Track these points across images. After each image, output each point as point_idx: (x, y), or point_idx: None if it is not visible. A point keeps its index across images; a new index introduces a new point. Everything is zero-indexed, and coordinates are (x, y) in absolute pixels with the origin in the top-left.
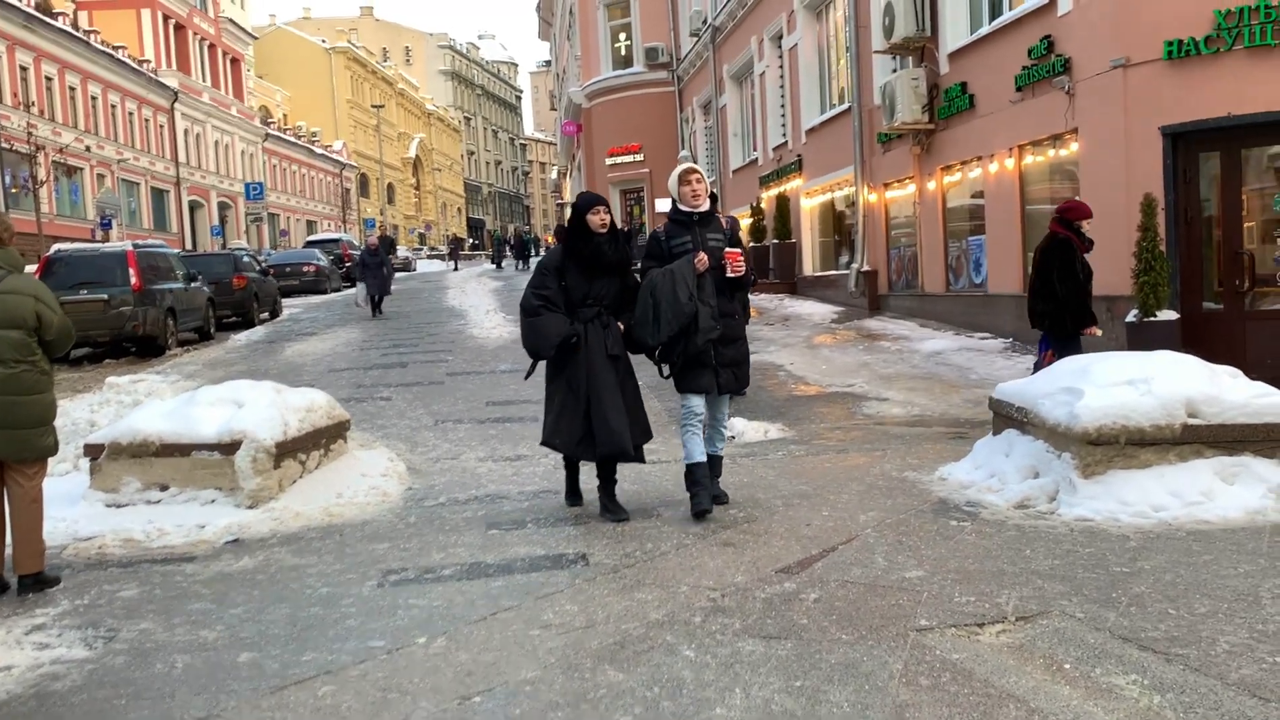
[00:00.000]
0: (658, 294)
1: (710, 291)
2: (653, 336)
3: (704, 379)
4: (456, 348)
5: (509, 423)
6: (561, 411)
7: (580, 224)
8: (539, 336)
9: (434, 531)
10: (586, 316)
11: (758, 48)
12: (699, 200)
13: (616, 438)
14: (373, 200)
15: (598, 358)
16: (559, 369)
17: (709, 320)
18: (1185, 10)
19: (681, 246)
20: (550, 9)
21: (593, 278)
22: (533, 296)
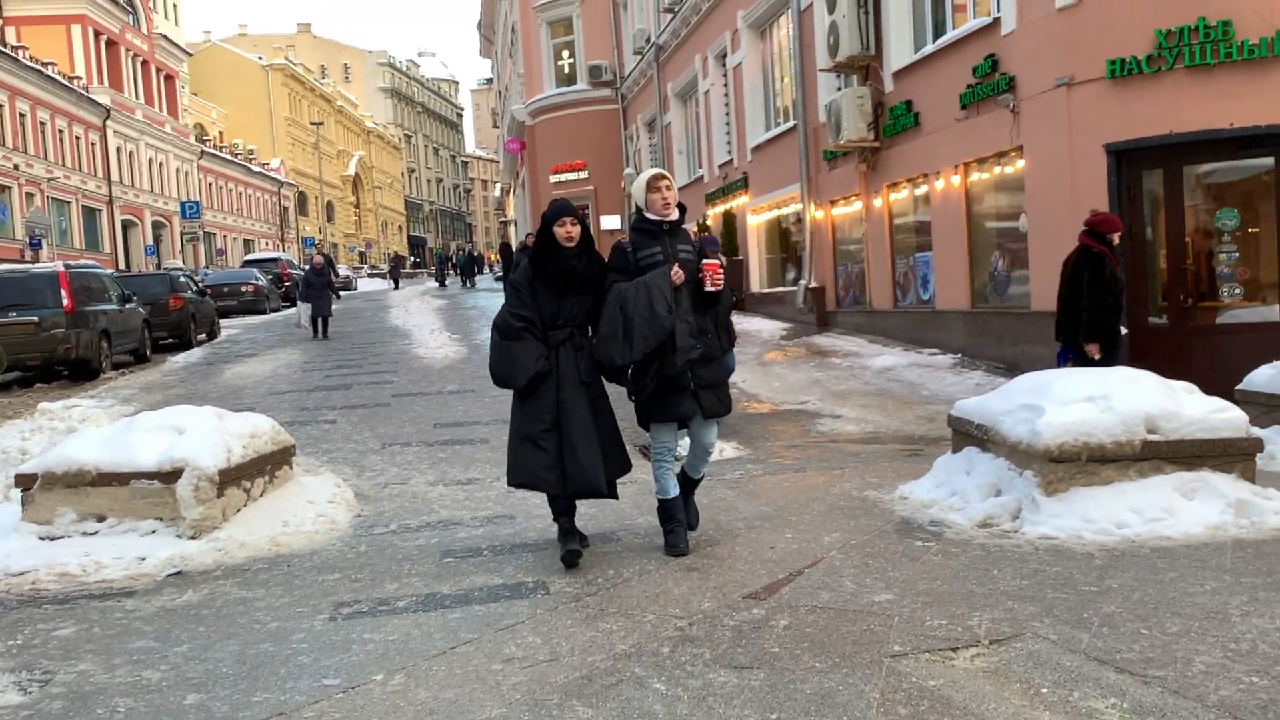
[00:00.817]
0: (629, 308)
1: (687, 307)
2: (621, 355)
3: (683, 404)
4: (401, 368)
5: (459, 445)
6: (530, 444)
7: (547, 237)
8: (513, 365)
9: (386, 561)
10: (558, 339)
11: (702, 66)
12: (669, 209)
13: (589, 474)
14: (311, 218)
15: (569, 385)
16: (527, 395)
17: (688, 338)
18: (1127, 30)
19: (650, 258)
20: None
21: (563, 295)
22: (512, 318)
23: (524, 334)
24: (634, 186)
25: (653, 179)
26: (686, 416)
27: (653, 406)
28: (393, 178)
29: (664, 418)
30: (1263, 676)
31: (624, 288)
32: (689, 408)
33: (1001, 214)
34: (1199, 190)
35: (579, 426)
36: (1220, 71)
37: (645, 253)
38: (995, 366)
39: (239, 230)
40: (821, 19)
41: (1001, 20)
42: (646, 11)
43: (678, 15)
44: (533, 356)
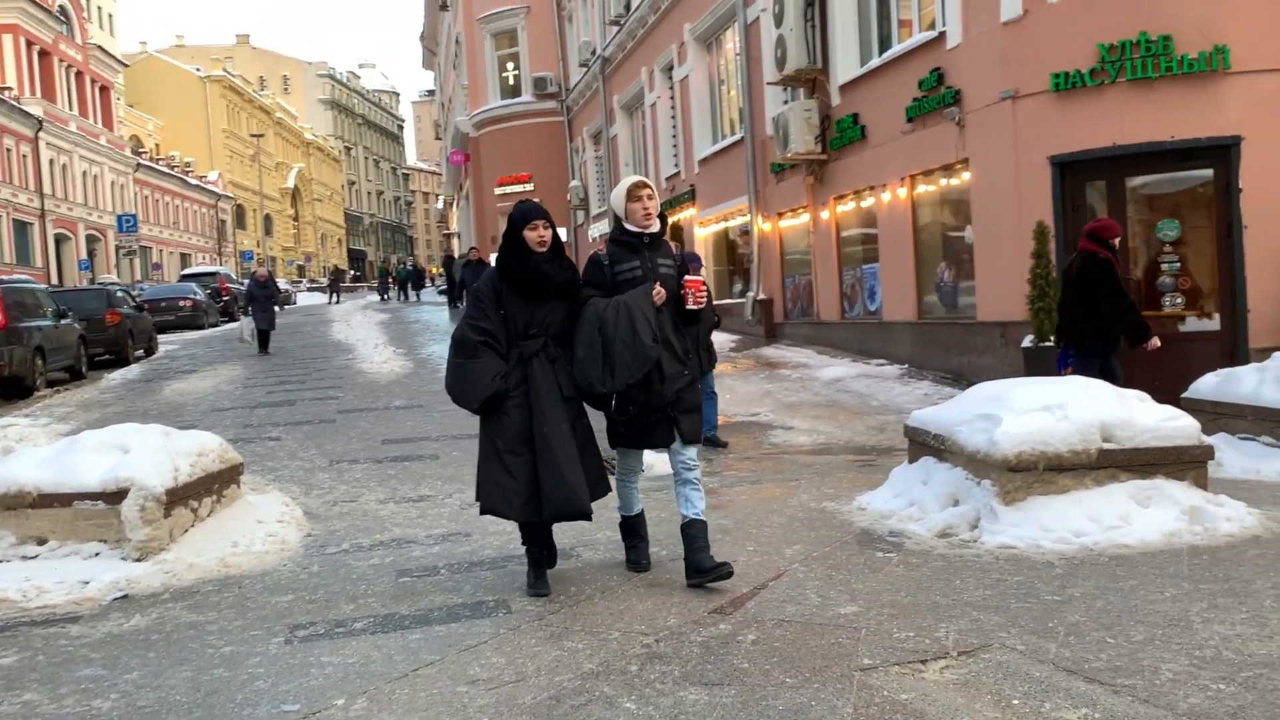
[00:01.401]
0: (609, 332)
1: (669, 328)
2: (603, 383)
3: (660, 432)
4: (346, 384)
5: (408, 461)
6: (500, 465)
7: (516, 241)
8: (467, 384)
9: (340, 581)
10: (531, 350)
11: (648, 79)
12: (651, 220)
13: (572, 495)
14: (250, 232)
15: (546, 398)
16: (495, 411)
17: (675, 365)
18: (1071, 44)
19: (629, 273)
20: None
21: (535, 303)
22: (470, 330)
23: (481, 349)
24: (613, 195)
25: (633, 187)
26: (664, 444)
27: (630, 432)
28: (332, 190)
29: (640, 444)
30: (1229, 683)
31: (602, 306)
32: (666, 435)
33: (947, 226)
34: (1141, 201)
35: (560, 443)
36: (1161, 85)
37: (623, 267)
38: (942, 376)
39: (176, 244)
40: (768, 32)
41: (947, 34)
42: (592, 24)
43: (624, 28)
44: (489, 374)
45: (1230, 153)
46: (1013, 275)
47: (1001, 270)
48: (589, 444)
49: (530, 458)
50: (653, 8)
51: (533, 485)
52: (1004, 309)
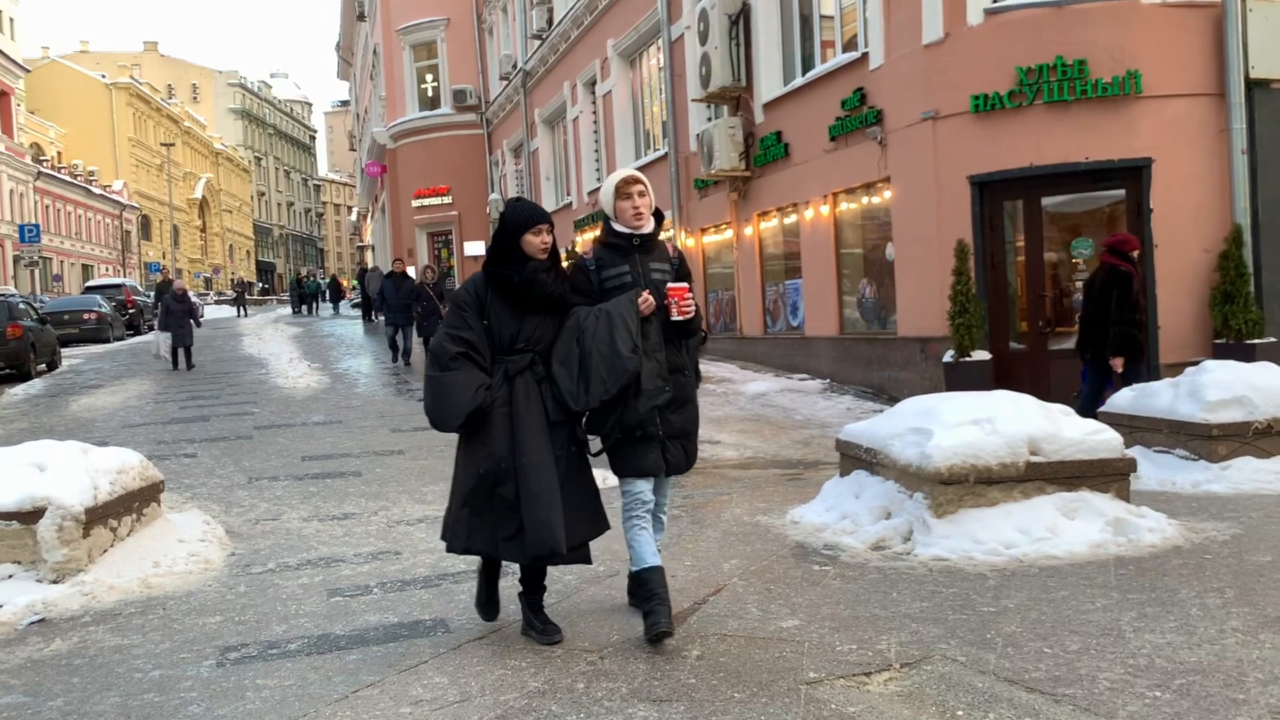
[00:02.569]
0: (588, 342)
1: (656, 341)
2: (578, 399)
3: (649, 457)
4: (261, 399)
5: (330, 478)
6: (478, 497)
7: (511, 245)
8: (444, 401)
9: (269, 601)
10: (517, 367)
11: (571, 93)
12: (642, 220)
13: (549, 534)
14: (156, 243)
15: (530, 423)
16: (474, 436)
17: (655, 380)
18: (990, 66)
19: (618, 280)
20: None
21: (524, 315)
22: (449, 341)
23: (460, 361)
24: (601, 192)
25: (622, 183)
26: (653, 472)
27: (616, 457)
28: (242, 201)
29: (626, 471)
30: (1164, 690)
31: (583, 315)
32: (653, 462)
33: (869, 243)
34: (1057, 220)
35: (539, 474)
36: (1077, 108)
37: (611, 272)
38: (863, 391)
39: (77, 255)
40: (693, 50)
41: (869, 55)
42: (514, 37)
43: (546, 42)
44: (470, 388)
45: (1142, 174)
46: (933, 292)
47: (922, 287)
48: (578, 475)
49: (513, 490)
50: (575, 23)
51: (515, 522)
52: (924, 325)
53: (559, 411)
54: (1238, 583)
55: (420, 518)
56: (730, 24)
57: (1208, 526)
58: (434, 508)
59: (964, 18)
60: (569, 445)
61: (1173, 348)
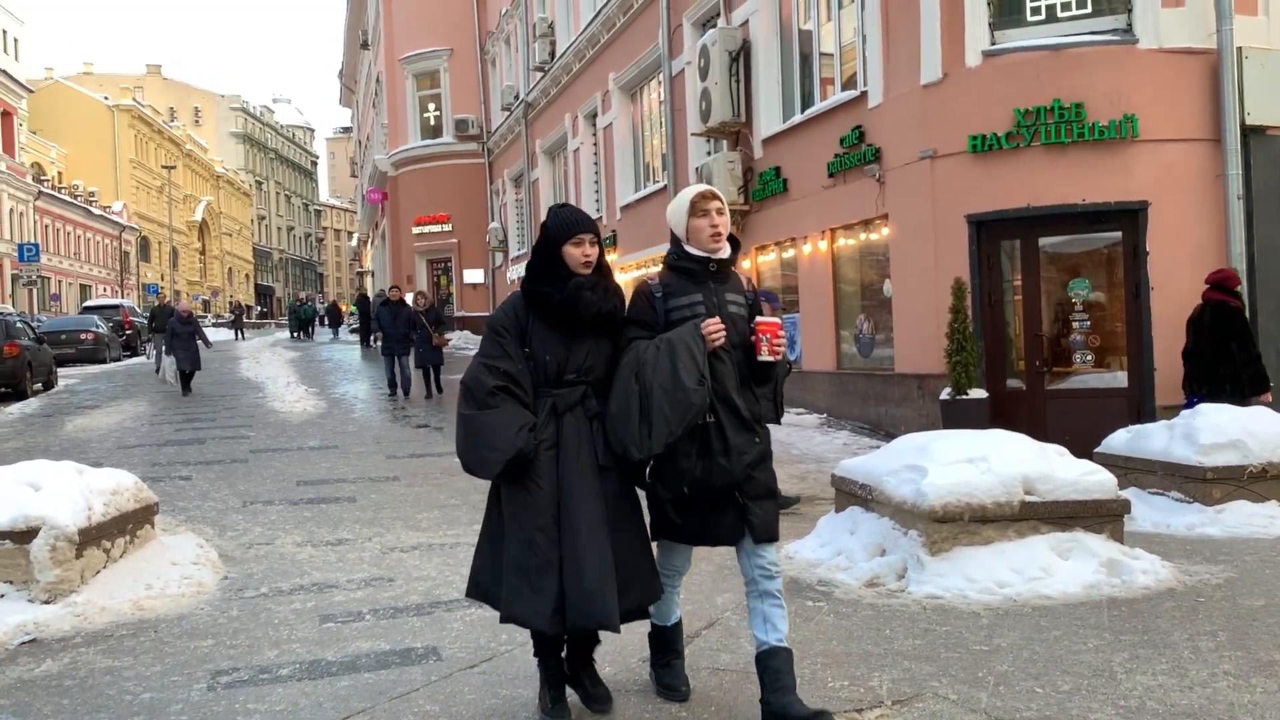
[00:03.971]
0: (648, 377)
1: (733, 383)
2: (639, 445)
3: (721, 524)
4: (258, 423)
5: (324, 504)
6: (529, 553)
7: (551, 258)
8: (480, 444)
9: (261, 626)
10: (567, 401)
11: (571, 124)
12: (720, 242)
13: (598, 604)
14: (155, 264)
15: (577, 467)
16: (518, 483)
17: (743, 433)
18: (988, 107)
19: (689, 310)
20: (354, 76)
21: (572, 340)
22: (485, 373)
23: (499, 396)
24: (671, 209)
25: (699, 198)
26: (728, 540)
27: (680, 521)
28: (241, 224)
29: (696, 540)
30: None
31: (643, 348)
32: (731, 528)
33: (867, 279)
34: (1054, 261)
35: (588, 530)
36: (1074, 150)
37: (680, 301)
38: (860, 427)
39: (75, 275)
40: (693, 85)
41: (869, 94)
42: (516, 69)
43: (548, 74)
44: (511, 429)
45: (1138, 217)
46: (930, 329)
47: (919, 324)
48: (634, 533)
49: (557, 550)
50: (577, 56)
51: (556, 584)
52: (921, 362)
53: (609, 454)
54: (1230, 626)
55: (414, 545)
56: (730, 60)
57: (1201, 569)
58: (428, 535)
59: (962, 59)
60: (621, 492)
61: (1168, 390)
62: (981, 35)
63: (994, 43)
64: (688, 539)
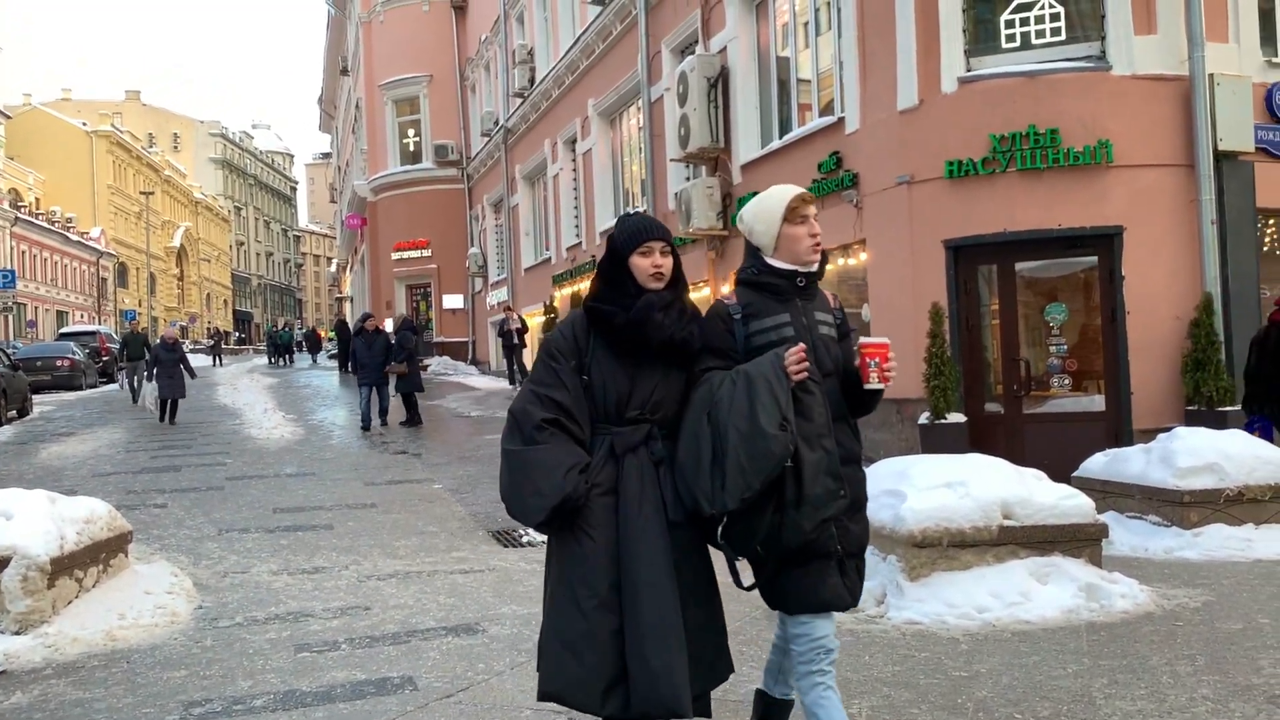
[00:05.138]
0: (722, 417)
1: (824, 422)
2: (710, 498)
3: (827, 583)
4: (234, 450)
5: (301, 531)
6: (579, 621)
7: (619, 273)
8: (524, 484)
9: (235, 656)
10: (628, 441)
11: (551, 150)
12: (816, 254)
13: (667, 686)
14: (132, 290)
15: (640, 521)
16: (569, 535)
17: (824, 479)
18: (964, 134)
19: (776, 334)
20: (333, 102)
21: (638, 370)
22: (535, 404)
23: (549, 431)
24: (755, 212)
25: (798, 201)
26: (834, 603)
27: (784, 586)
28: (220, 250)
29: (799, 607)
30: None
31: (717, 381)
32: (833, 590)
33: (845, 304)
34: (1030, 285)
35: (654, 595)
36: (1049, 176)
37: (764, 324)
38: None
39: (52, 301)
40: (672, 111)
41: (846, 120)
42: (495, 95)
43: (527, 100)
44: (560, 469)
45: (1113, 242)
46: (908, 354)
47: (897, 348)
48: (706, 600)
49: (617, 618)
50: (557, 82)
51: (616, 661)
52: (900, 386)
53: (680, 509)
54: (1209, 650)
55: (391, 573)
56: (709, 86)
57: (1179, 593)
58: (406, 562)
59: (938, 85)
60: (693, 553)
61: (1145, 414)
62: (957, 62)
63: (970, 69)
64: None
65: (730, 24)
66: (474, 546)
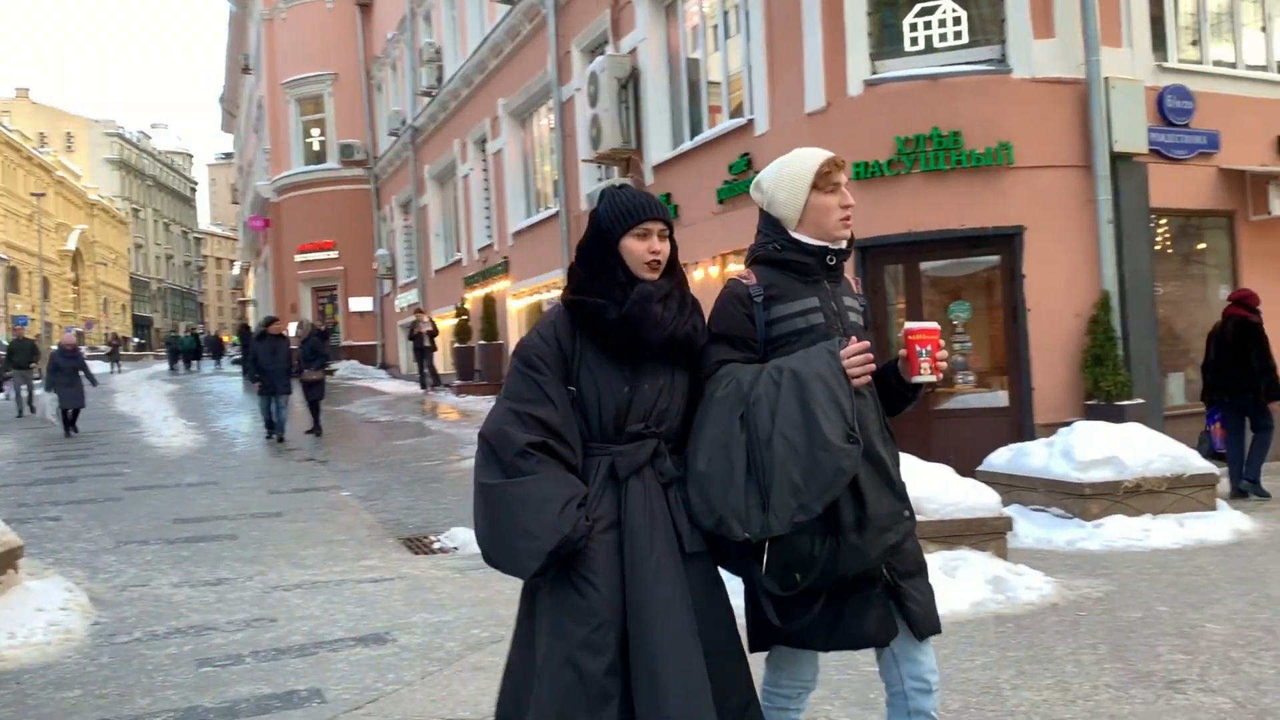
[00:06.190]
0: (762, 420)
1: (876, 427)
2: (746, 520)
3: (866, 617)
4: (133, 459)
5: (203, 542)
6: (558, 688)
7: (606, 259)
8: (510, 530)
9: (134, 673)
10: (631, 462)
11: (461, 150)
12: (848, 227)
13: None
14: (24, 295)
15: (651, 561)
16: (560, 588)
17: (889, 500)
18: (870, 136)
19: (803, 320)
20: (235, 101)
21: (638, 374)
22: (514, 425)
23: (534, 458)
24: (776, 180)
25: (829, 165)
26: (877, 639)
27: (806, 621)
28: (118, 254)
29: (829, 642)
30: None
31: (746, 379)
32: (882, 622)
33: None
34: (936, 284)
35: (674, 653)
36: (952, 177)
37: (789, 309)
38: None
39: None
40: (583, 112)
41: (755, 122)
42: (403, 94)
43: (436, 100)
44: (554, 505)
45: (1014, 241)
46: None
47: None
48: (724, 642)
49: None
50: (465, 82)
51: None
52: None
53: (697, 538)
54: (1111, 639)
55: (298, 583)
56: (620, 87)
57: (1082, 584)
58: (313, 572)
59: (845, 88)
60: (710, 588)
61: (1046, 409)
62: (862, 65)
63: (875, 72)
64: (818, 643)
65: (640, 25)
66: (384, 554)
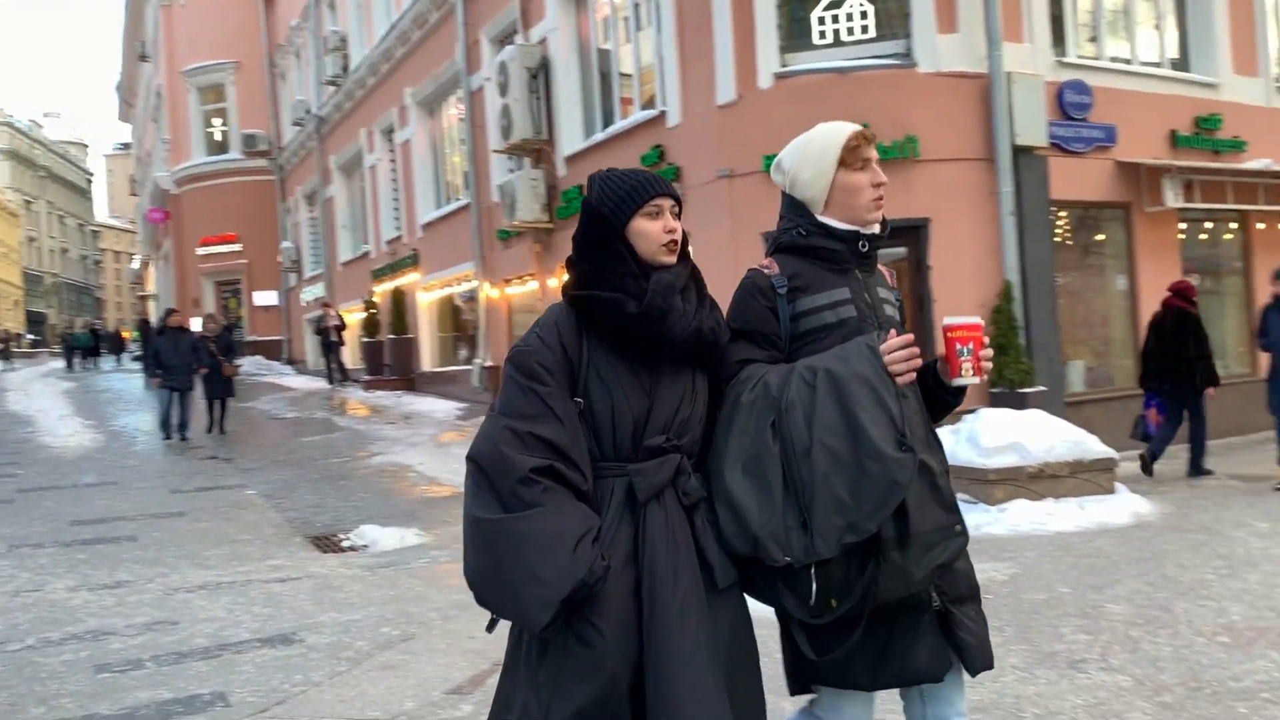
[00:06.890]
0: (797, 427)
1: (924, 435)
2: (785, 542)
3: (918, 652)
4: (26, 459)
5: (101, 544)
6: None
7: (612, 246)
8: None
9: (26, 681)
10: (649, 485)
11: (367, 140)
12: (879, 209)
13: None
14: None
15: (675, 602)
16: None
17: (939, 514)
18: (780, 128)
19: (828, 316)
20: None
21: (656, 379)
22: (514, 446)
23: (539, 486)
24: (800, 158)
25: (857, 140)
26: (929, 675)
27: (848, 658)
28: (9, 247)
29: (879, 680)
30: None
31: (775, 380)
32: (934, 654)
33: None
34: None
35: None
36: None
37: (816, 301)
38: None
39: None
40: (493, 102)
41: (668, 114)
42: (307, 83)
43: (341, 89)
44: (566, 543)
45: (920, 233)
46: None
47: None
48: (747, 671)
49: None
50: (372, 70)
51: None
52: None
53: (729, 569)
54: (1016, 621)
55: (201, 584)
56: (530, 77)
57: (988, 567)
58: (216, 572)
59: (755, 81)
60: (739, 625)
61: None
62: (772, 58)
63: (784, 65)
64: (864, 679)
65: (550, 15)
66: (290, 553)
